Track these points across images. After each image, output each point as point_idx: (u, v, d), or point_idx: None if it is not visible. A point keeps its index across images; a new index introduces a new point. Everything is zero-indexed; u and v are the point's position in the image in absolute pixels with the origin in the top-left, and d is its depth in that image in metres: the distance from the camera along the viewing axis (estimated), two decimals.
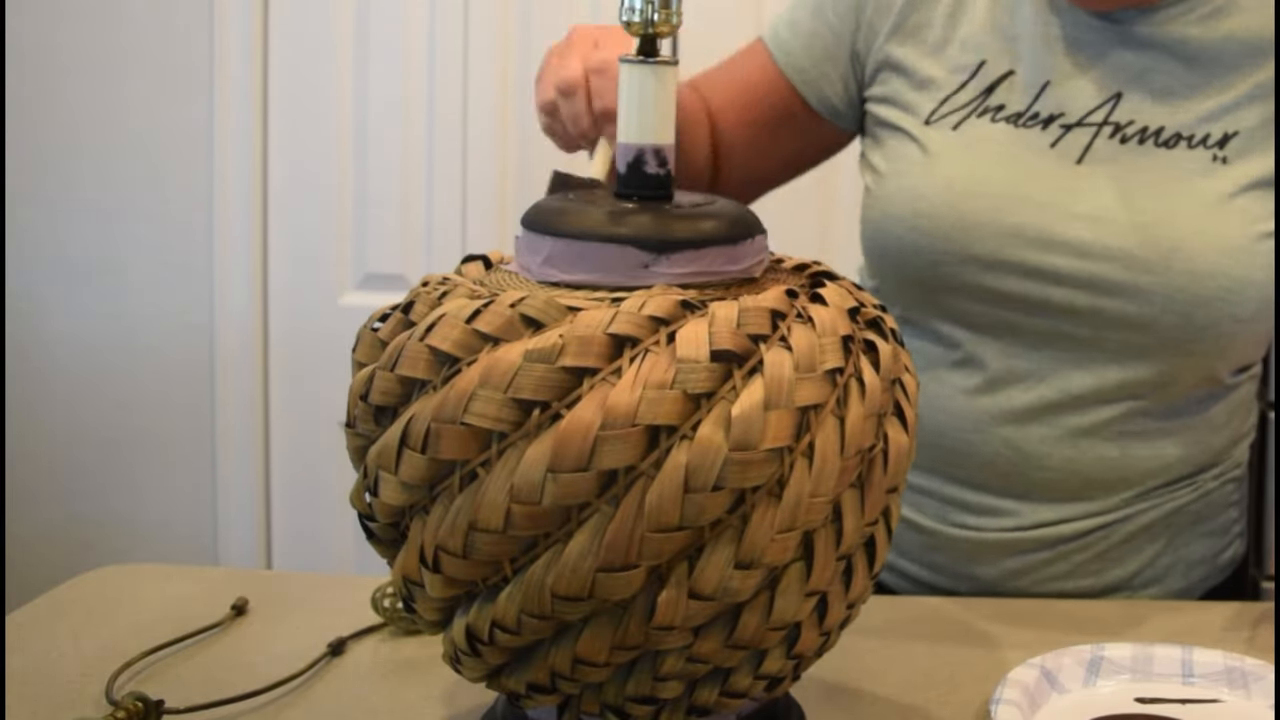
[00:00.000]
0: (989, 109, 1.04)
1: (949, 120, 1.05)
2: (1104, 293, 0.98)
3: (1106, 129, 1.01)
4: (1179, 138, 1.00)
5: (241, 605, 0.98)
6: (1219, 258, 0.97)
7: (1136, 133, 1.01)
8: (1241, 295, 0.98)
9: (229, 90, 2.14)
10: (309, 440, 2.22)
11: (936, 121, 1.05)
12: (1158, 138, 1.01)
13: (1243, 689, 0.84)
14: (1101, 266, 0.98)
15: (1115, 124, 1.01)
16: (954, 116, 1.04)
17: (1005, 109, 1.03)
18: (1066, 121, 1.02)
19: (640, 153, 0.71)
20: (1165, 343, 0.99)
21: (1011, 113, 1.03)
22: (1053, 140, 1.02)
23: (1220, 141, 1.00)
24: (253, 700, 0.84)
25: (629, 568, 0.61)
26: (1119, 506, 1.05)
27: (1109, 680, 0.85)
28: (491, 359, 0.61)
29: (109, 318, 2.22)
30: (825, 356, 0.63)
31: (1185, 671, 0.86)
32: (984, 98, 1.04)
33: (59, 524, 2.26)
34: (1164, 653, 0.87)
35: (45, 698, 0.84)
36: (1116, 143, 1.01)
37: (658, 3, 0.70)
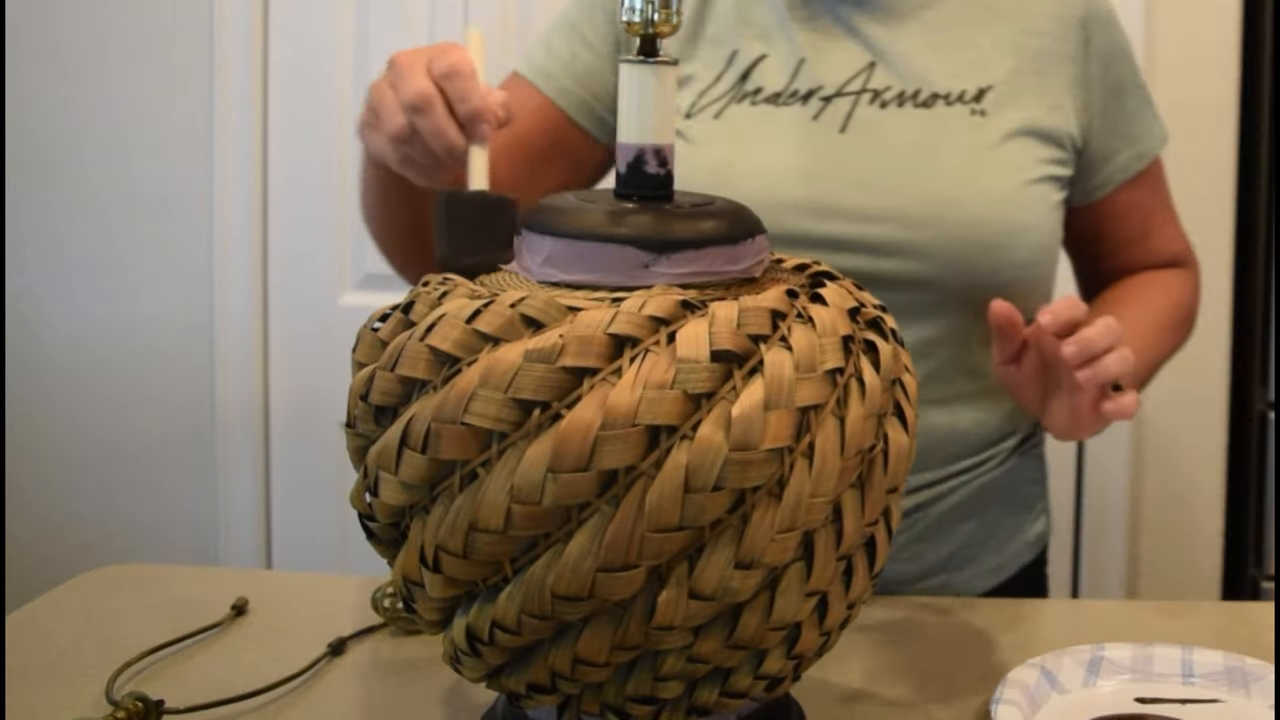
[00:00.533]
0: (747, 94, 1.06)
1: (709, 110, 1.06)
2: (884, 254, 1.01)
3: (865, 96, 1.04)
4: (936, 97, 1.04)
5: (241, 605, 0.98)
6: (990, 205, 1.01)
7: (894, 97, 1.04)
8: (1017, 240, 1.01)
9: (229, 90, 2.14)
10: (309, 440, 2.22)
11: (697, 114, 1.06)
12: (915, 99, 1.04)
13: (1243, 689, 0.84)
14: (879, 228, 1.00)
15: (873, 91, 1.04)
16: (714, 106, 1.06)
17: (763, 91, 1.05)
18: (825, 94, 1.04)
19: (640, 153, 0.71)
20: (951, 297, 1.01)
21: (770, 94, 1.05)
22: (814, 113, 1.04)
23: (976, 96, 1.03)
24: (253, 700, 0.84)
25: (629, 568, 0.61)
26: (930, 484, 1.06)
27: (1109, 680, 0.85)
28: (492, 359, 0.61)
29: (109, 318, 2.22)
30: (825, 356, 0.63)
31: (1185, 671, 0.86)
32: (740, 84, 1.06)
33: (59, 524, 2.26)
34: (1164, 653, 0.87)
35: (45, 698, 0.84)
36: (876, 108, 1.04)
37: (658, 3, 0.70)
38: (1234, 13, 1.99)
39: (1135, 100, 1.10)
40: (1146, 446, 2.07)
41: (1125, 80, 1.09)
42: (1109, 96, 1.08)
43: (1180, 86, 2.01)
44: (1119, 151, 1.09)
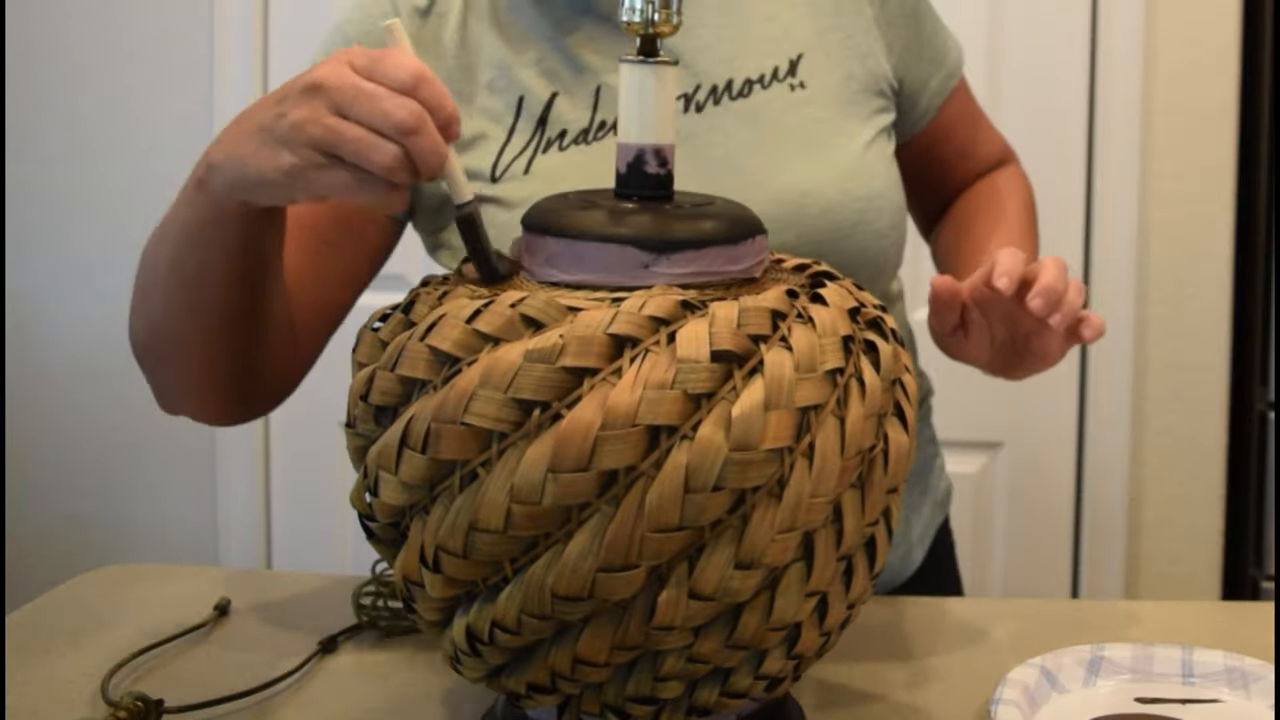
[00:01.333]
0: (551, 141, 0.96)
1: (516, 167, 0.95)
2: None
3: (678, 104, 0.96)
4: (750, 83, 0.97)
5: (224, 605, 0.98)
6: (840, 183, 0.96)
7: (708, 96, 0.96)
8: (874, 209, 0.97)
9: (229, 90, 2.14)
10: (309, 440, 2.22)
11: (504, 177, 0.95)
12: (730, 92, 0.97)
13: (1243, 689, 0.84)
14: None
15: (684, 96, 0.96)
16: (520, 162, 0.95)
17: (568, 133, 0.96)
18: None
19: (640, 153, 0.71)
20: None
21: (577, 133, 0.96)
22: None
23: (790, 69, 0.98)
24: (252, 698, 0.84)
25: (629, 568, 0.61)
26: None
27: (1109, 680, 0.85)
28: (492, 359, 0.62)
29: (109, 318, 2.22)
30: (825, 356, 0.63)
31: (1185, 671, 0.86)
32: (540, 131, 0.96)
33: (59, 524, 2.26)
34: (1164, 653, 0.87)
35: (45, 698, 0.84)
36: (694, 114, 0.96)
37: (658, 3, 0.70)
38: (1234, 13, 1.99)
39: (930, 20, 1.06)
40: (1146, 446, 2.07)
41: (916, 5, 1.05)
42: (909, 26, 1.04)
43: (1180, 86, 2.01)
44: (932, 76, 1.06)
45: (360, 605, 0.95)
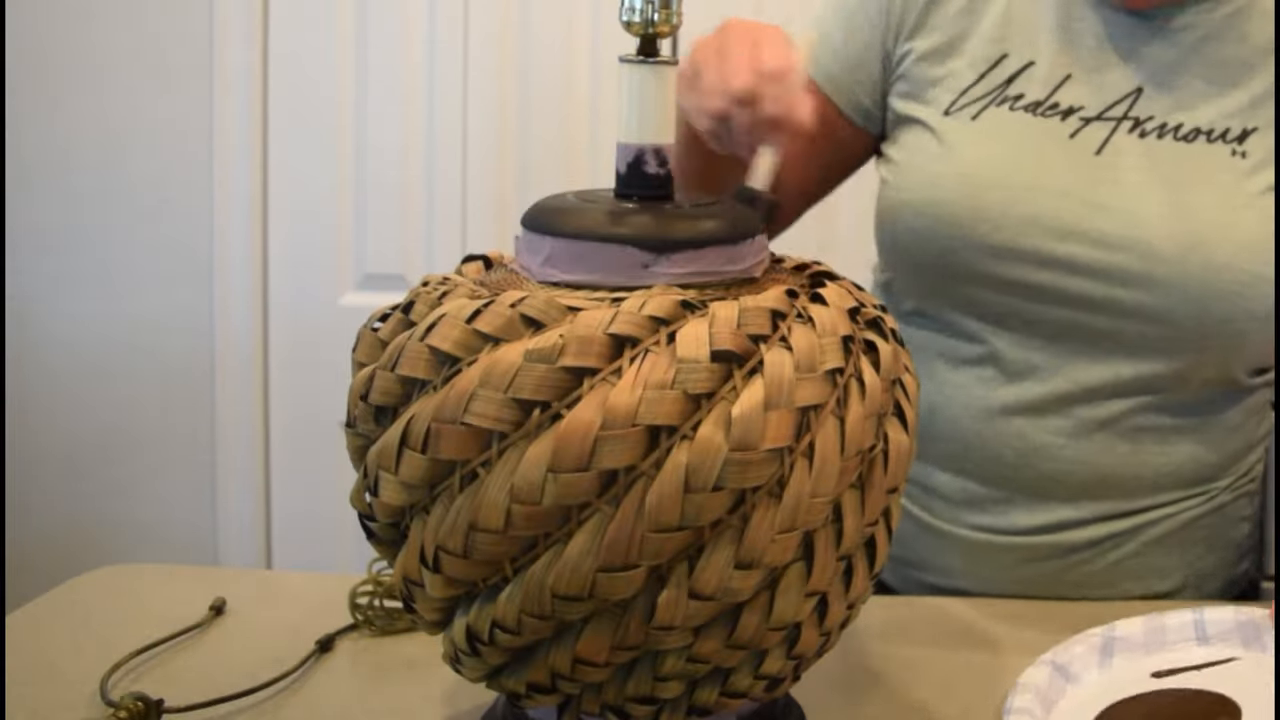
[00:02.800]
0: (1008, 98, 1.04)
1: (968, 111, 1.04)
2: (1120, 283, 0.98)
3: (1126, 123, 1.02)
4: (1198, 133, 1.01)
5: (220, 605, 0.98)
6: (1236, 251, 0.97)
7: (1156, 128, 1.01)
8: (1257, 290, 0.98)
9: (229, 90, 2.14)
10: (309, 440, 2.22)
11: (956, 112, 1.05)
12: (1177, 133, 1.01)
13: (1257, 644, 0.83)
14: (1118, 257, 0.98)
15: (1135, 119, 1.02)
16: (973, 107, 1.04)
17: (1024, 98, 1.03)
18: (1086, 114, 1.02)
19: (640, 152, 0.71)
20: (1181, 336, 0.99)
21: (1030, 101, 1.03)
22: (1072, 131, 1.02)
23: (1239, 137, 1.01)
24: (251, 698, 0.84)
25: (629, 568, 0.61)
26: (1132, 512, 1.04)
27: (1123, 658, 0.84)
28: (491, 359, 0.61)
29: (109, 318, 2.22)
30: (825, 356, 0.63)
31: (1199, 634, 0.85)
32: (1003, 88, 1.04)
33: (59, 524, 2.26)
34: (1176, 619, 0.86)
35: (45, 698, 0.84)
36: (1136, 137, 1.01)
37: (658, 3, 0.70)
38: None
39: None
40: None
41: None
42: None
43: None
44: None
45: (356, 605, 0.95)
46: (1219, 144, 1.01)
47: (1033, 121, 1.03)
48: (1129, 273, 0.98)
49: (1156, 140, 1.01)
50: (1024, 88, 1.04)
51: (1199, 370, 1.01)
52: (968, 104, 1.05)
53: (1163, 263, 0.97)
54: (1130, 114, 1.02)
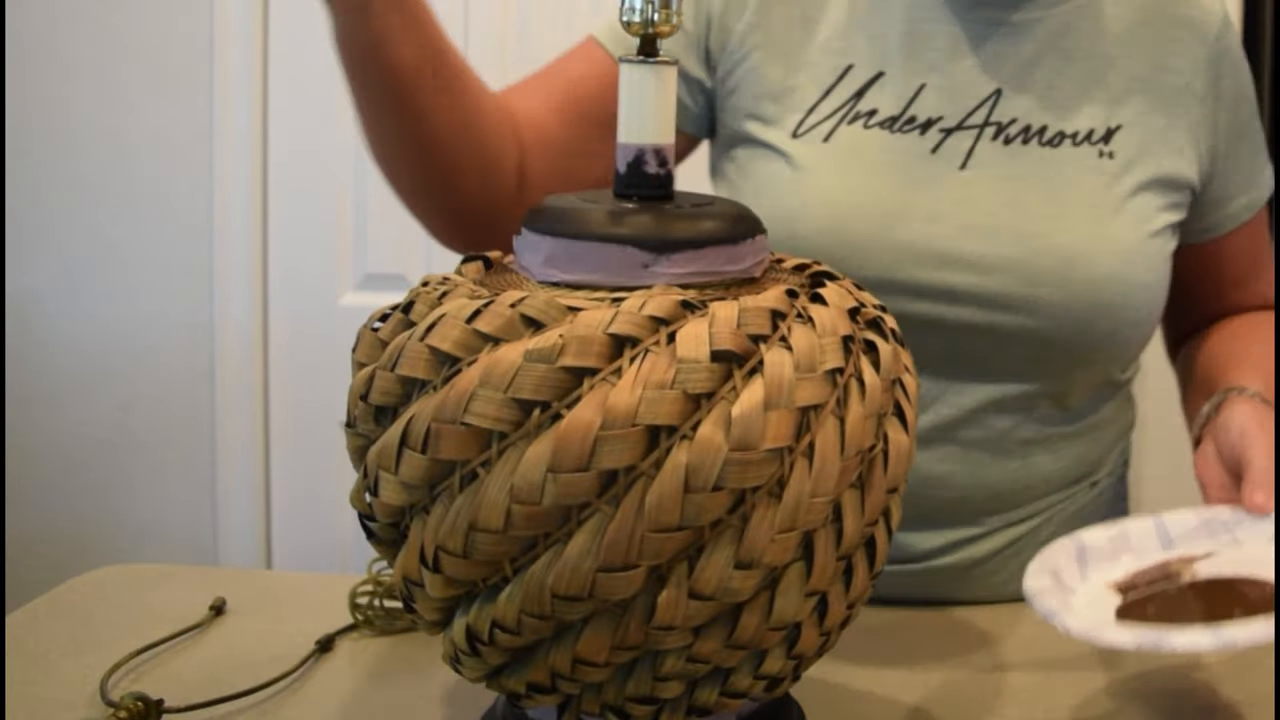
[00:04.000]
0: (860, 115, 0.97)
1: (818, 131, 0.97)
2: (1001, 308, 0.95)
3: (989, 130, 0.97)
4: (1063, 136, 0.97)
5: (219, 605, 0.98)
6: (1114, 262, 0.95)
7: (1020, 132, 0.97)
8: (1135, 299, 0.96)
9: (229, 90, 2.14)
10: (309, 440, 2.22)
11: (804, 134, 0.98)
12: (1041, 136, 0.97)
13: (1228, 535, 0.82)
14: (998, 280, 0.94)
15: (997, 124, 0.97)
16: (823, 126, 0.97)
17: (878, 113, 0.97)
18: (946, 125, 0.97)
19: (640, 152, 0.71)
20: (1065, 354, 0.97)
21: (885, 117, 0.97)
22: (933, 145, 0.97)
23: (1105, 137, 0.98)
24: (251, 698, 0.84)
25: (629, 568, 0.61)
26: (1027, 518, 1.03)
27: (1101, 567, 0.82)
28: (491, 359, 0.61)
29: (109, 318, 2.22)
30: (825, 356, 0.63)
31: (1164, 540, 0.83)
32: (854, 103, 0.98)
33: (59, 524, 2.27)
34: (1137, 526, 0.84)
35: (45, 698, 0.84)
36: (1000, 144, 0.97)
37: (658, 3, 0.70)
38: (1234, 13, 1.99)
39: (1253, 144, 1.05)
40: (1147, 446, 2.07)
41: (1247, 123, 1.04)
42: (1231, 141, 1.03)
43: None
44: (1233, 199, 1.04)
45: (356, 605, 0.95)
46: (1085, 146, 0.97)
47: (890, 140, 0.97)
48: (1012, 296, 0.94)
49: (1021, 146, 0.97)
50: (876, 102, 0.98)
51: (1083, 380, 1.00)
52: (817, 123, 0.98)
53: (1045, 283, 0.94)
54: (992, 119, 0.97)
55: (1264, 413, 0.91)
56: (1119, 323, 0.96)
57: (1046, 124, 0.97)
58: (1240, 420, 0.89)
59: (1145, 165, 0.98)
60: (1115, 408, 1.07)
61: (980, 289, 0.95)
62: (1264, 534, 0.81)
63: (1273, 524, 0.82)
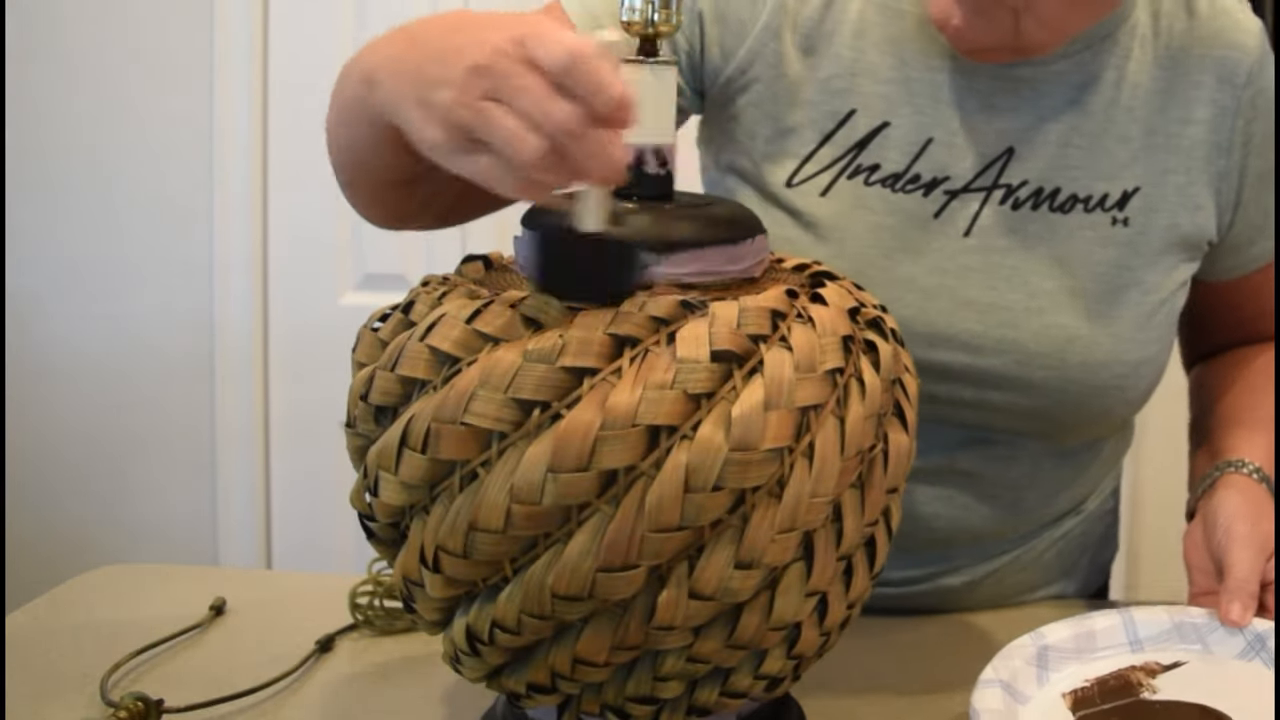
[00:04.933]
0: (861, 169, 0.90)
1: (815, 184, 0.91)
2: (993, 386, 0.91)
3: (997, 193, 0.91)
4: (1075, 200, 0.91)
5: (220, 605, 0.98)
6: (1117, 343, 0.91)
7: (1030, 196, 0.91)
8: (1138, 374, 0.92)
9: (229, 89, 2.14)
10: (309, 440, 2.22)
11: (800, 184, 0.91)
12: (1053, 201, 0.91)
13: (1198, 644, 0.80)
14: (992, 361, 0.90)
15: (1007, 186, 0.91)
16: (821, 179, 0.91)
17: (880, 169, 0.90)
18: (951, 187, 0.91)
19: (640, 153, 0.71)
20: (1060, 423, 0.94)
21: (888, 174, 0.90)
22: (936, 210, 0.91)
23: (1120, 201, 0.91)
24: (251, 697, 0.84)
25: (629, 568, 0.61)
26: (1010, 549, 1.01)
27: (1060, 672, 0.80)
28: (491, 359, 0.61)
29: (109, 318, 2.22)
30: (825, 356, 0.63)
31: (1131, 639, 0.81)
32: (855, 154, 0.91)
33: (59, 524, 2.27)
34: (1104, 623, 0.82)
35: (45, 698, 0.84)
36: (1008, 209, 0.91)
37: (658, 3, 0.70)
38: None
39: (1272, 185, 0.96)
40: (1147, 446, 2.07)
41: (1270, 168, 0.96)
42: (1254, 188, 0.95)
43: None
44: (1253, 244, 0.97)
45: (356, 605, 0.95)
46: (1098, 212, 0.91)
47: (891, 200, 0.90)
48: (1003, 377, 0.90)
49: (1031, 212, 0.91)
50: (879, 155, 0.90)
51: (1074, 442, 0.98)
52: (814, 174, 0.91)
53: (1039, 366, 0.90)
54: (1001, 181, 0.91)
55: (1256, 502, 0.88)
56: (1114, 403, 0.93)
57: (1060, 187, 0.91)
58: (1228, 515, 0.87)
59: (1161, 231, 0.92)
60: (1111, 446, 1.04)
61: (972, 368, 0.90)
62: (1235, 647, 0.80)
63: (1243, 639, 0.80)
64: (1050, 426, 0.94)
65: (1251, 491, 0.90)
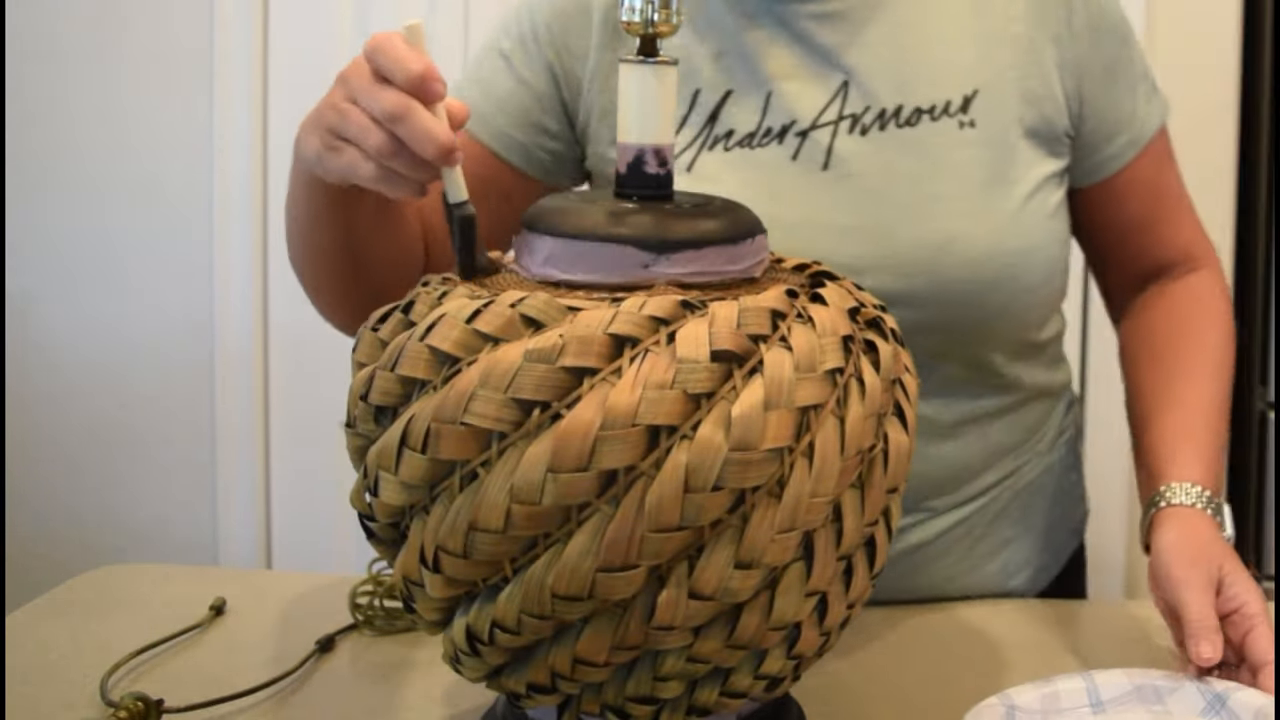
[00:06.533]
0: (718, 138, 0.96)
1: (680, 163, 0.95)
2: (892, 305, 0.89)
3: (844, 123, 0.94)
4: (919, 112, 0.94)
5: (220, 605, 0.98)
6: (991, 237, 0.92)
7: (875, 119, 0.94)
8: (1025, 264, 0.94)
9: (229, 90, 2.14)
10: (309, 440, 2.22)
11: None
12: (898, 118, 0.94)
13: (1159, 704, 0.81)
14: (872, 280, 0.91)
15: (851, 115, 0.94)
16: (684, 157, 0.96)
17: (735, 133, 0.95)
18: (800, 128, 0.94)
19: (640, 153, 0.71)
20: (962, 334, 0.95)
21: (743, 135, 0.95)
22: (792, 152, 0.94)
23: (963, 105, 0.94)
24: (251, 697, 0.84)
25: (629, 568, 0.61)
26: (974, 497, 1.02)
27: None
28: (491, 359, 0.61)
29: (109, 318, 2.22)
30: (825, 356, 0.63)
31: (1093, 701, 0.81)
32: (710, 127, 0.96)
33: (59, 524, 2.26)
34: (1066, 686, 0.82)
35: (45, 698, 0.84)
36: (858, 135, 0.94)
37: (658, 3, 0.70)
38: (1234, 13, 1.99)
39: (1127, 80, 1.00)
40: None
41: (1116, 59, 0.99)
42: (1099, 79, 0.98)
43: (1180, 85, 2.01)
44: (1112, 140, 1.00)
45: (356, 605, 0.95)
46: (944, 119, 0.94)
47: (751, 157, 0.95)
48: (887, 293, 0.90)
49: (880, 133, 0.94)
50: (731, 122, 0.95)
51: (993, 353, 0.98)
52: (678, 156, 0.95)
53: (920, 274, 0.92)
54: (846, 112, 0.94)
55: (1191, 534, 0.88)
56: (1012, 294, 0.94)
57: (901, 104, 0.94)
58: (1166, 562, 0.87)
59: (1009, 124, 0.95)
60: (1043, 370, 1.05)
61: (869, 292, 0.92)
62: (1195, 706, 0.80)
63: (1202, 699, 0.80)
64: (956, 338, 0.95)
65: (1187, 524, 0.89)
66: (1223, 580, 0.85)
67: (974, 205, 0.93)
